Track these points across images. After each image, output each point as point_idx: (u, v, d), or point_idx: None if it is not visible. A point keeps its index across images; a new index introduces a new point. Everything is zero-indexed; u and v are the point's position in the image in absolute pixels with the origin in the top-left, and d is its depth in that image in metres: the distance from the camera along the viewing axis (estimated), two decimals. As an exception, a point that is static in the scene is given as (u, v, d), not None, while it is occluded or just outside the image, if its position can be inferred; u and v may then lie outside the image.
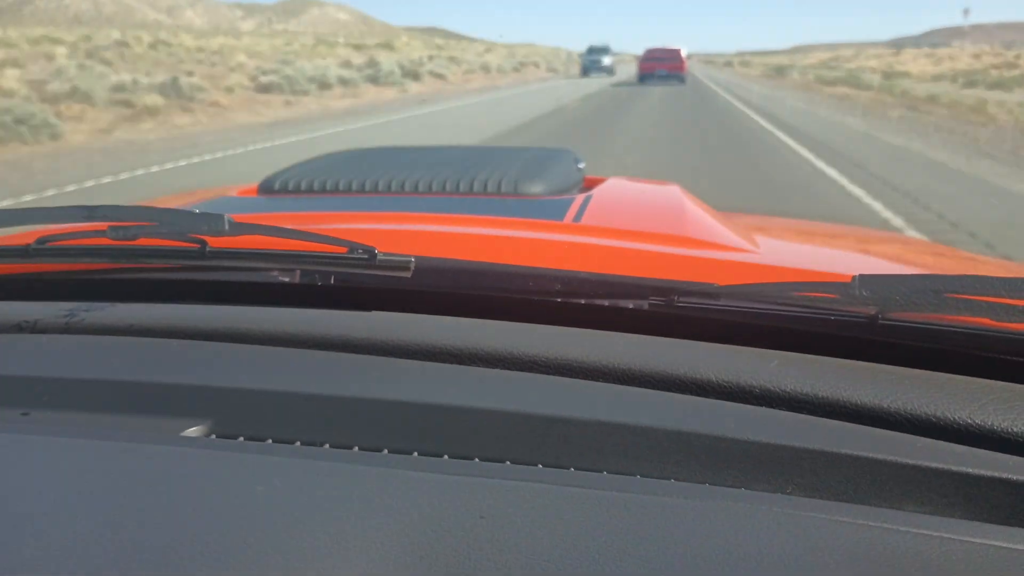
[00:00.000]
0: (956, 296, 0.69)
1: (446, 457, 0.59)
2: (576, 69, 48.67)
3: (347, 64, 27.26)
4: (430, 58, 36.20)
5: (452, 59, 38.62)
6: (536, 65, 46.32)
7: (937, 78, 27.67)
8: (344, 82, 22.35)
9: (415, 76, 28.19)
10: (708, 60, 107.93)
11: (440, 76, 30.40)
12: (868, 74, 29.93)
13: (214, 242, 0.85)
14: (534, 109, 16.55)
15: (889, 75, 28.91)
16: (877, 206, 6.19)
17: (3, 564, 0.45)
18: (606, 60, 42.28)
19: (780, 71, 38.85)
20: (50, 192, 6.84)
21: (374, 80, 24.91)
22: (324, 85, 20.81)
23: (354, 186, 1.44)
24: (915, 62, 43.98)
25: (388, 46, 43.19)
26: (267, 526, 0.48)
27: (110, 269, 0.92)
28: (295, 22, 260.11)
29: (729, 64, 71.20)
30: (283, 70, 20.62)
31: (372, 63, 27.54)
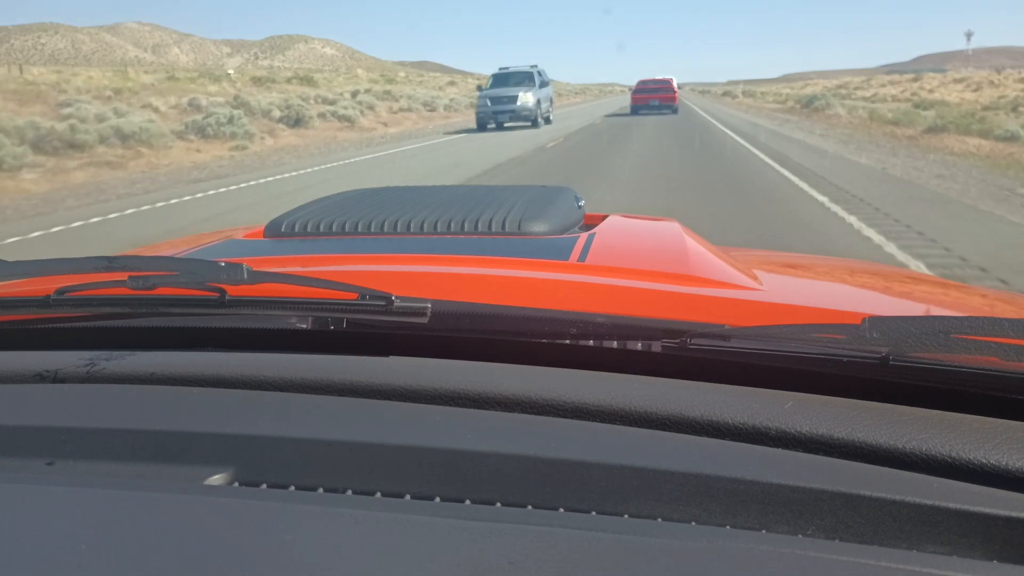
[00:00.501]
0: (965, 337, 0.70)
1: (468, 502, 0.59)
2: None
3: (175, 107, 18.43)
4: (354, 93, 28.92)
5: (387, 93, 31.51)
6: None
7: (993, 108, 19.61)
8: (127, 136, 12.97)
9: (297, 121, 18.60)
10: (703, 90, 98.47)
11: (347, 119, 21.17)
12: (909, 106, 22.56)
13: (233, 291, 0.86)
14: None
15: (937, 107, 20.73)
16: None
17: None
18: (526, 99, 21.86)
19: (809, 103, 27.90)
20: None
21: (200, 132, 15.23)
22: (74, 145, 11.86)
23: (360, 227, 1.44)
24: (944, 89, 34.43)
25: (308, 80, 33.19)
26: (293, 574, 0.48)
27: (130, 318, 0.93)
28: (280, 58, 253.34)
29: (728, 94, 64.46)
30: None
31: (224, 105, 19.12)
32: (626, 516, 0.58)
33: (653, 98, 31.46)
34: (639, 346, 0.85)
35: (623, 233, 1.57)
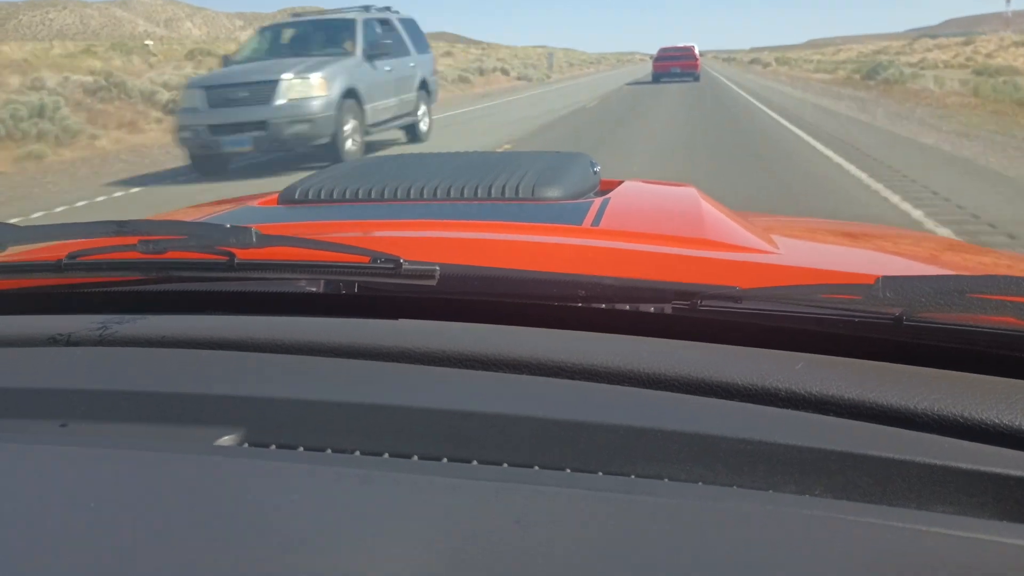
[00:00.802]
0: (981, 296, 0.70)
1: (475, 463, 0.60)
2: (548, 80, 36.24)
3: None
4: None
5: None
6: (504, 72, 35.12)
7: None
8: None
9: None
10: (728, 58, 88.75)
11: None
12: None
13: (242, 254, 0.87)
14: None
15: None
16: None
17: (45, 572, 0.46)
18: (304, 89, 8.09)
19: (874, 73, 20.86)
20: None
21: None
22: None
23: (373, 194, 1.45)
24: (1006, 53, 28.07)
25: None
26: (301, 533, 0.49)
27: (141, 282, 0.94)
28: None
29: (757, 61, 56.29)
30: None
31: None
32: (633, 476, 0.58)
33: (675, 65, 30.96)
34: (650, 309, 0.84)
35: (638, 198, 1.56)
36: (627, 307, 0.85)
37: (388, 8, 10.61)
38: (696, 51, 31.55)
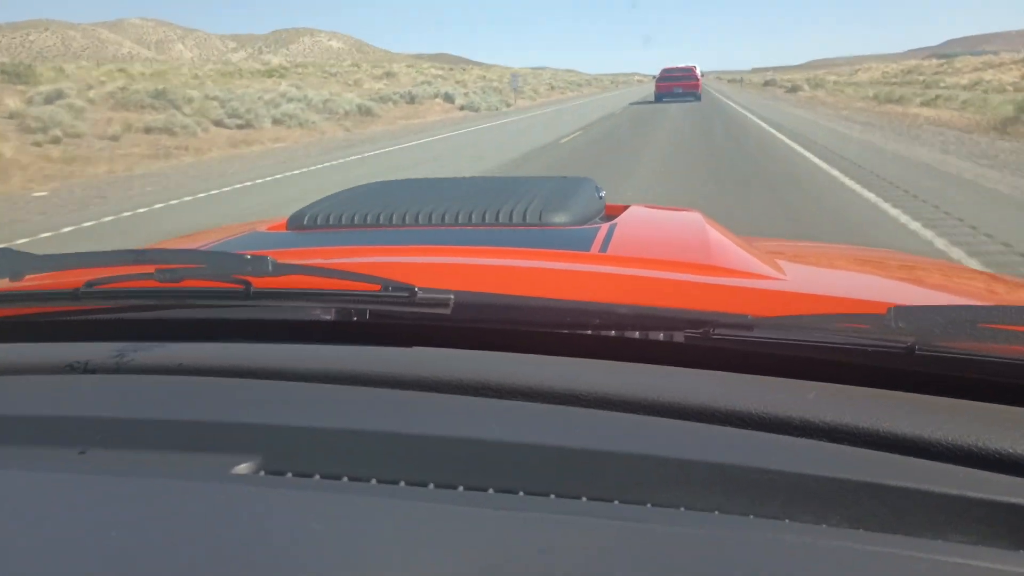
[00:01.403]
0: (992, 326, 0.71)
1: (491, 491, 0.61)
2: (506, 109, 30.57)
3: None
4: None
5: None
6: (448, 99, 29.29)
7: None
8: None
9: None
10: (733, 79, 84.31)
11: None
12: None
13: (258, 283, 0.88)
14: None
15: None
16: None
17: None
18: None
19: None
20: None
21: None
22: None
23: (382, 219, 1.47)
24: None
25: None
26: (319, 562, 0.49)
27: (158, 309, 0.95)
28: (284, 52, 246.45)
29: (772, 83, 49.17)
30: None
31: None
32: (649, 505, 0.59)
33: (677, 86, 32.35)
34: (661, 336, 0.85)
35: (644, 224, 1.58)
36: (639, 335, 0.86)
37: None
38: (698, 71, 33.23)
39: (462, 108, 27.73)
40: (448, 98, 28.92)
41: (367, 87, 31.16)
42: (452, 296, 0.83)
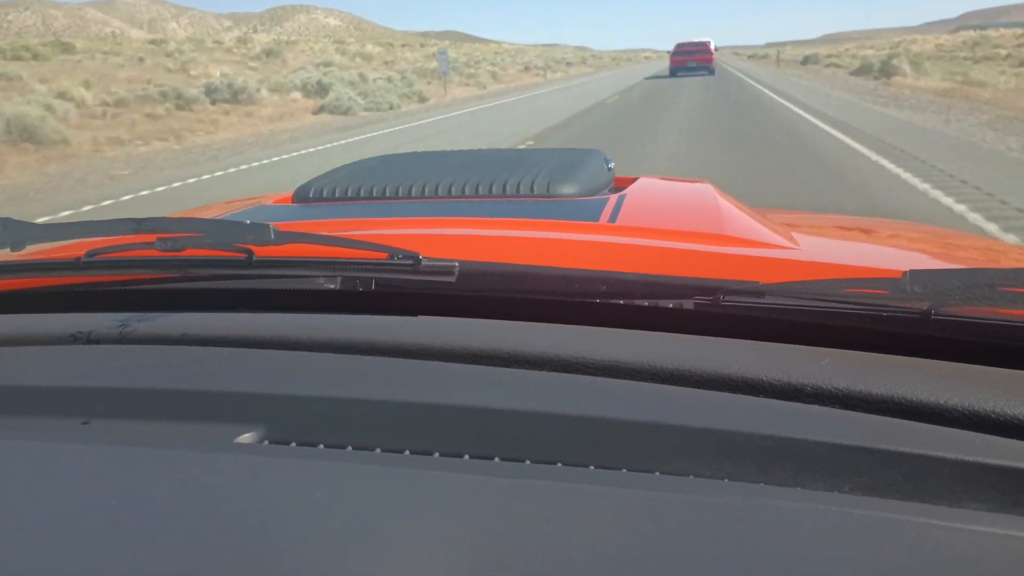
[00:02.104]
0: (1011, 290, 0.70)
1: (497, 460, 0.61)
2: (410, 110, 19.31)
3: None
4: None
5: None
6: (321, 90, 20.27)
7: None
8: None
9: None
10: (755, 54, 73.65)
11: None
12: None
13: (260, 251, 0.89)
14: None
15: None
16: None
17: (68, 569, 0.47)
18: None
19: None
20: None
21: None
22: None
23: (387, 192, 1.48)
24: None
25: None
26: (323, 531, 0.49)
27: (160, 279, 0.96)
28: (278, 30, 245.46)
29: (812, 60, 38.21)
30: None
31: None
32: (657, 473, 0.59)
33: (691, 60, 33.47)
34: (671, 304, 0.85)
35: (654, 194, 1.56)
36: (648, 303, 0.86)
37: None
38: (711, 46, 34.10)
39: (321, 111, 18.27)
40: (318, 91, 20.06)
41: (197, 72, 23.17)
42: (457, 264, 0.83)
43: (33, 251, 1.03)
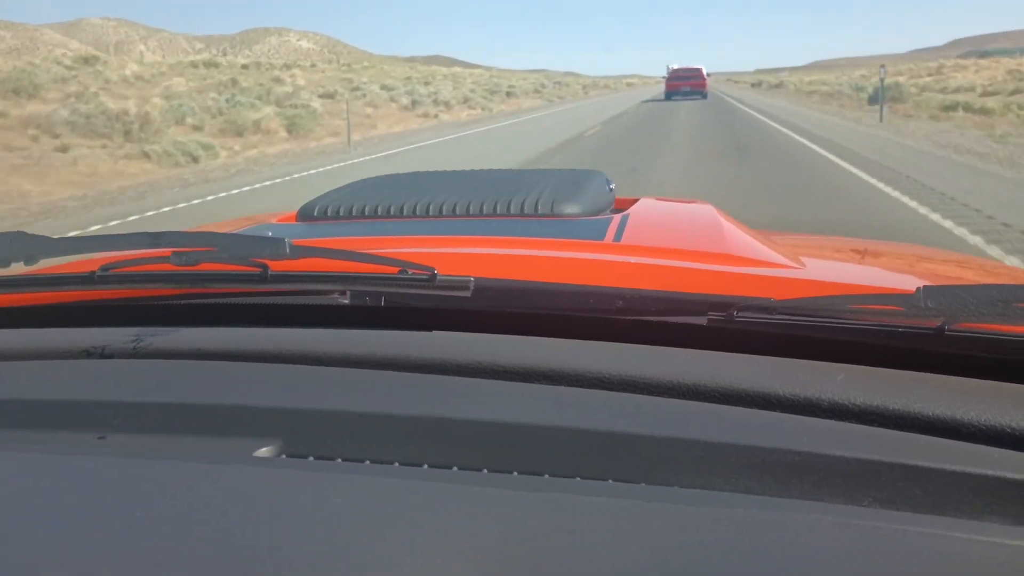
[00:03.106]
0: None
1: (516, 474, 0.63)
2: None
3: None
4: None
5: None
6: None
7: None
8: None
9: None
10: (759, 81, 65.52)
11: None
12: None
13: (276, 266, 0.90)
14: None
15: None
16: None
17: None
18: None
19: None
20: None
21: None
22: None
23: (393, 211, 1.51)
24: None
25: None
26: (342, 544, 0.50)
27: (175, 294, 0.98)
28: (246, 52, 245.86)
29: (820, 91, 31.27)
30: None
31: None
32: (677, 487, 0.61)
33: (685, 85, 36.34)
34: (685, 320, 0.87)
35: (657, 215, 1.62)
36: (662, 319, 0.88)
37: None
38: (704, 72, 37.67)
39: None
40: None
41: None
42: (472, 280, 0.86)
43: (48, 265, 1.05)
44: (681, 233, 1.47)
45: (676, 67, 38.45)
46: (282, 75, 28.94)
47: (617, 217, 1.43)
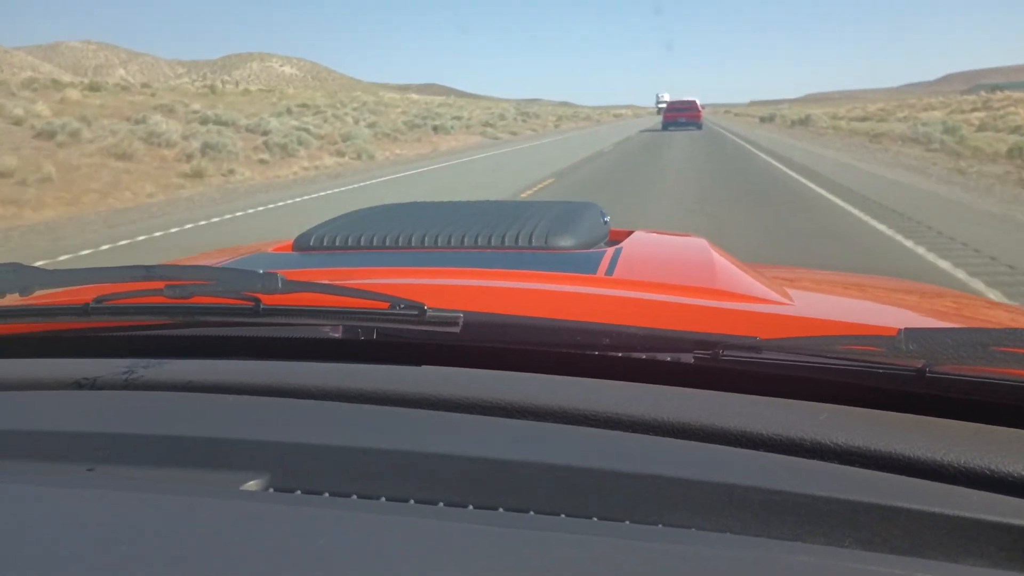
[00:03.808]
0: (1004, 349, 0.75)
1: (501, 510, 0.65)
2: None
3: None
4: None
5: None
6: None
7: None
8: None
9: None
10: (771, 115, 58.94)
11: None
12: None
13: (268, 300, 0.92)
14: None
15: None
16: None
17: None
18: None
19: None
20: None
21: None
22: None
23: (387, 242, 1.54)
24: None
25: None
26: None
27: (167, 326, 1.00)
28: (225, 77, 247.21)
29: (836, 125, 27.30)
30: None
31: None
32: (660, 525, 0.63)
33: (681, 116, 39.37)
34: (670, 358, 0.90)
35: (649, 248, 1.66)
36: (647, 356, 0.91)
37: None
38: (699, 104, 40.93)
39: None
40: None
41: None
42: (462, 315, 0.88)
43: (42, 296, 1.07)
44: (673, 267, 1.51)
45: (669, 99, 41.91)
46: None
47: (610, 250, 1.47)
